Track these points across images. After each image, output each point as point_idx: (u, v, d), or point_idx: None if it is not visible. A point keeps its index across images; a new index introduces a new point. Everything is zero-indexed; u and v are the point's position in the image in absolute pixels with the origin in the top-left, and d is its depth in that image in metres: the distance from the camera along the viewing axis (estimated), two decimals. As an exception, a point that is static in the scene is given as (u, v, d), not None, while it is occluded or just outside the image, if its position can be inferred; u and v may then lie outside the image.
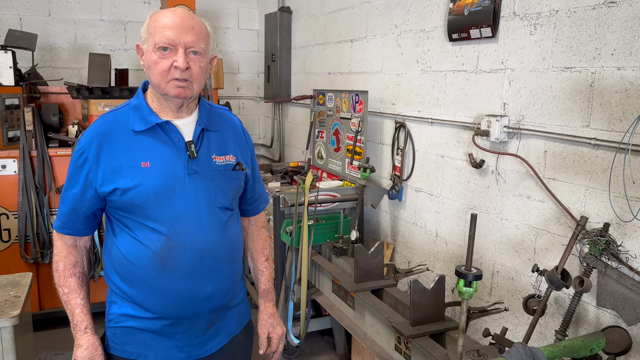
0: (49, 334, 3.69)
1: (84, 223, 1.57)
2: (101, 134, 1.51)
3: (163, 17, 1.48)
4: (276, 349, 1.82)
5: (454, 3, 2.56)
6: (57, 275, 1.58)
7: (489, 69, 2.44)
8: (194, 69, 1.49)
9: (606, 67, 1.90)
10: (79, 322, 1.58)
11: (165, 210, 1.49)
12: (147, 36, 1.49)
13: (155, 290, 1.53)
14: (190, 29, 1.47)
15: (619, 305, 1.82)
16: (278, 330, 1.82)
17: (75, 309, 1.58)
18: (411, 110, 3.03)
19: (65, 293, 1.58)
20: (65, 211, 1.56)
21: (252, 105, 5.64)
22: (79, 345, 1.57)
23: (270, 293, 1.86)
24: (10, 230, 3.51)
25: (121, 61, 4.84)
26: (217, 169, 1.59)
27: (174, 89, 1.48)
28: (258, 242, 1.87)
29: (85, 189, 1.51)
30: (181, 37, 1.45)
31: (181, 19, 1.47)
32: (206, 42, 1.52)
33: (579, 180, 2.03)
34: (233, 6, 5.34)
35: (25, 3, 4.50)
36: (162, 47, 1.45)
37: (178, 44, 1.45)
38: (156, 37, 1.46)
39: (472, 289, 1.68)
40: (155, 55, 1.46)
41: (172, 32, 1.45)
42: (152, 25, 1.48)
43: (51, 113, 3.66)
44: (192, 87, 1.51)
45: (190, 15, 1.50)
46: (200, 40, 1.49)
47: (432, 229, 2.93)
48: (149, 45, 1.48)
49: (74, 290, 1.58)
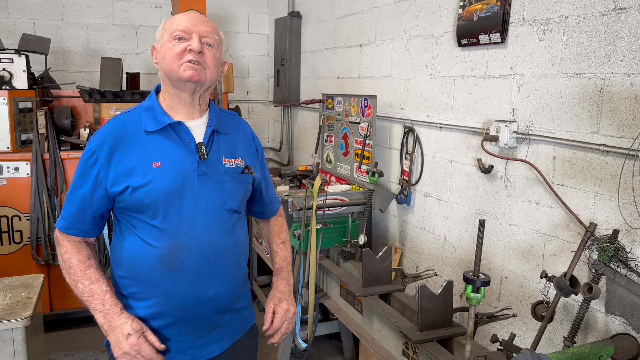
0: (59, 334, 3.72)
1: (91, 224, 1.57)
2: (113, 135, 1.53)
3: (179, 16, 1.56)
4: (279, 327, 1.69)
5: (463, 9, 2.57)
6: (72, 271, 1.53)
7: (498, 75, 2.44)
8: (207, 55, 1.53)
9: (616, 73, 1.89)
10: (113, 304, 1.50)
11: (174, 211, 1.51)
12: (163, 32, 1.55)
13: (160, 291, 1.54)
14: (205, 22, 1.55)
15: (628, 312, 1.81)
16: (283, 305, 1.70)
17: (104, 295, 1.50)
18: (420, 115, 3.03)
19: (87, 285, 1.51)
20: (72, 211, 1.55)
21: (262, 109, 5.67)
22: (120, 326, 1.46)
23: (284, 272, 1.79)
24: (22, 232, 3.55)
25: (132, 65, 4.88)
26: (226, 172, 1.60)
27: (188, 70, 1.49)
28: (274, 227, 1.90)
29: (95, 189, 1.52)
30: (196, 27, 1.52)
31: (196, 16, 1.56)
32: (219, 39, 1.59)
33: (588, 187, 2.03)
34: (243, 11, 5.37)
35: (39, 8, 4.57)
36: (177, 36, 1.51)
37: (193, 32, 1.51)
38: (172, 28, 1.52)
39: (480, 295, 1.67)
40: (170, 44, 1.51)
41: (188, 22, 1.52)
42: (168, 22, 1.55)
43: (63, 116, 3.71)
44: (205, 72, 1.53)
45: (204, 17, 1.59)
46: (214, 33, 1.55)
47: (440, 234, 2.92)
48: (164, 40, 1.53)
49: (97, 280, 1.52)
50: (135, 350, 1.43)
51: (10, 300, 2.09)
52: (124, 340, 1.44)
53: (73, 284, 1.53)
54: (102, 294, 1.50)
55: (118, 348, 1.46)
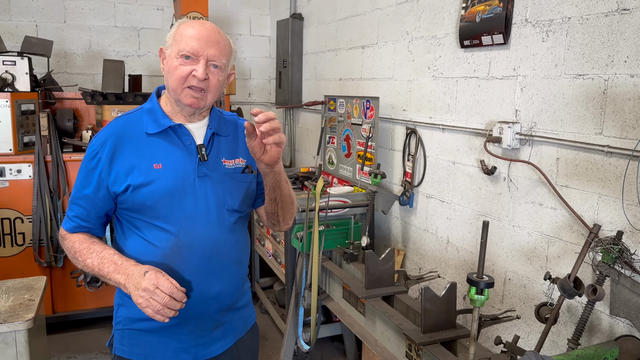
0: (61, 337, 3.72)
1: (96, 223, 1.60)
2: (115, 136, 1.54)
3: (191, 27, 1.51)
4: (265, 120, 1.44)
5: (465, 10, 2.56)
6: (79, 253, 1.53)
7: (500, 76, 2.43)
8: (211, 81, 1.52)
9: (619, 74, 1.89)
10: (125, 260, 1.48)
11: (176, 211, 1.52)
12: (173, 42, 1.53)
13: None
14: (216, 43, 1.51)
15: (632, 314, 1.80)
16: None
17: (113, 257, 1.49)
18: (422, 116, 3.03)
19: (94, 257, 1.50)
20: (77, 212, 1.57)
21: (264, 110, 5.67)
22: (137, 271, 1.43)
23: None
24: (25, 234, 3.56)
25: (134, 67, 4.89)
26: (227, 172, 1.62)
27: (189, 98, 1.51)
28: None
29: (98, 189, 1.54)
30: (205, 50, 1.48)
31: (208, 33, 1.51)
32: (227, 58, 1.55)
33: (592, 188, 2.02)
34: (245, 13, 5.38)
35: (41, 10, 4.58)
36: (185, 55, 1.48)
37: (201, 55, 1.48)
38: (181, 45, 1.49)
39: (483, 297, 1.67)
40: (177, 61, 1.49)
41: (198, 43, 1.48)
42: (179, 33, 1.52)
43: (66, 118, 3.71)
44: (206, 98, 1.53)
45: (217, 31, 1.54)
46: (222, 56, 1.52)
47: (443, 236, 2.92)
48: (172, 51, 1.52)
49: (103, 249, 1.52)
50: (153, 284, 1.38)
51: (12, 303, 2.08)
52: (140, 278, 1.40)
53: (82, 264, 1.53)
54: (111, 256, 1.50)
55: (136, 289, 1.40)
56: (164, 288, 1.38)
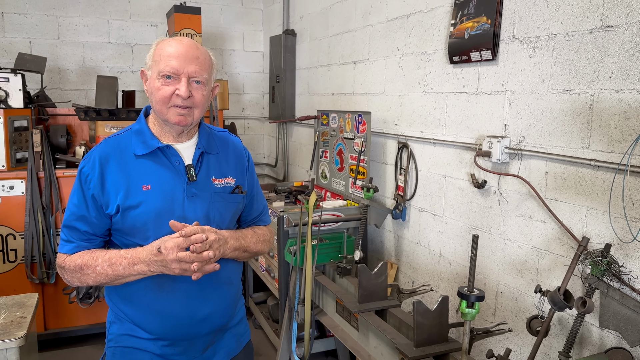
0: (53, 354, 3.69)
1: (94, 243, 1.57)
2: (105, 157, 1.55)
3: (169, 46, 1.51)
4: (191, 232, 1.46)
5: (454, 27, 2.61)
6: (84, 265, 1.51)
7: (489, 91, 2.47)
8: (196, 97, 1.52)
9: (604, 89, 1.92)
10: (132, 250, 1.50)
11: (165, 232, 1.51)
12: (152, 63, 1.53)
13: (153, 311, 1.55)
14: (195, 59, 1.50)
15: (621, 326, 1.82)
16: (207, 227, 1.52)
17: (119, 252, 1.51)
18: (413, 130, 3.06)
19: (101, 262, 1.50)
20: (74, 236, 1.56)
21: (257, 125, 5.70)
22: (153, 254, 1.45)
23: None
24: (17, 250, 3.54)
25: (128, 83, 4.91)
26: (216, 191, 1.62)
27: (175, 116, 1.51)
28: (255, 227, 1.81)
29: (93, 209, 1.53)
30: (185, 67, 1.48)
31: (186, 49, 1.50)
32: (209, 72, 1.56)
33: (580, 201, 2.05)
34: (239, 29, 5.43)
35: (35, 27, 4.60)
36: (165, 75, 1.48)
37: (181, 73, 1.48)
38: (160, 65, 1.49)
39: (474, 310, 1.68)
40: (158, 82, 1.50)
41: (177, 61, 1.48)
42: (158, 53, 1.52)
43: (59, 134, 3.72)
44: (192, 114, 1.54)
45: (195, 46, 1.53)
46: (203, 71, 1.52)
47: (435, 249, 2.93)
48: (153, 72, 1.52)
49: (107, 252, 1.52)
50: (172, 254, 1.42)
51: (4, 320, 2.07)
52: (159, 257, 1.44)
53: (93, 274, 1.51)
54: (117, 252, 1.50)
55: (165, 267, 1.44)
56: (179, 248, 1.42)
